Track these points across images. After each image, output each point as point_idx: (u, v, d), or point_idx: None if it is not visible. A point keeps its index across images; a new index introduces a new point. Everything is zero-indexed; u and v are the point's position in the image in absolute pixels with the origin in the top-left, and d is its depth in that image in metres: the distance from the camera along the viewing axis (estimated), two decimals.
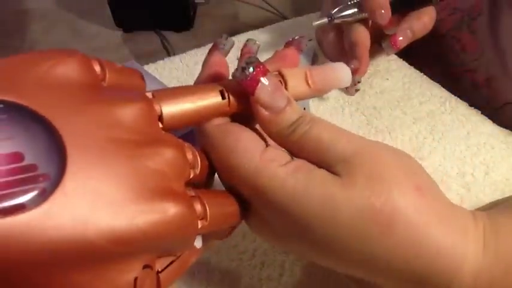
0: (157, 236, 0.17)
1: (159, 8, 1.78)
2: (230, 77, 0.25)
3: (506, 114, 0.50)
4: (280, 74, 0.25)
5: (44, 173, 0.15)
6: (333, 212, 0.21)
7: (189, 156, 0.21)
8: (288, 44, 0.30)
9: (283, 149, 0.24)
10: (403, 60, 0.56)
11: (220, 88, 0.24)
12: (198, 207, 0.20)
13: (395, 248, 0.21)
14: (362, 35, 0.47)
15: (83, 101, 0.17)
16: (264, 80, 0.23)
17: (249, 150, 0.23)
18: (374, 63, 0.55)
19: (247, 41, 0.31)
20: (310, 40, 0.31)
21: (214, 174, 0.25)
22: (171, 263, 0.21)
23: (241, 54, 0.31)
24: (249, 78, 0.23)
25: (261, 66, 0.23)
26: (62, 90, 0.17)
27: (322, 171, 0.22)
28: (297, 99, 0.25)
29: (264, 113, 0.23)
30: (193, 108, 0.22)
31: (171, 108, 0.21)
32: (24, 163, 0.15)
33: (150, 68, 0.55)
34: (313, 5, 0.69)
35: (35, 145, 0.15)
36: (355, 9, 0.46)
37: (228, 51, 0.28)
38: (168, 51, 1.78)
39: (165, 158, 0.19)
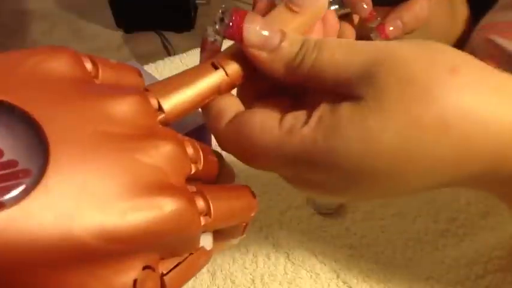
0: (153, 234, 0.16)
1: (160, 8, 1.78)
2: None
3: None
4: None
5: (24, 169, 0.14)
6: (376, 146, 0.19)
7: (190, 150, 0.20)
8: None
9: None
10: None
11: (211, 61, 0.23)
12: (200, 203, 0.19)
13: (460, 148, 0.19)
14: (345, 32, 0.46)
15: (70, 95, 0.17)
16: (247, 21, 0.22)
17: (267, 128, 0.21)
18: None
19: None
20: None
21: (224, 170, 0.24)
22: (177, 265, 0.19)
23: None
24: (231, 26, 0.21)
25: (238, 10, 0.22)
26: (47, 85, 0.17)
27: (346, 107, 0.20)
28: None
29: (263, 55, 0.22)
30: (192, 89, 0.22)
31: (169, 97, 0.21)
32: (3, 159, 0.14)
33: (150, 68, 0.55)
34: None
35: (16, 141, 0.15)
36: (337, 6, 0.45)
37: (221, 43, 0.25)
38: (169, 52, 1.77)
39: (161, 152, 0.18)
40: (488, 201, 0.39)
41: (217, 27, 0.22)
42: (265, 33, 0.22)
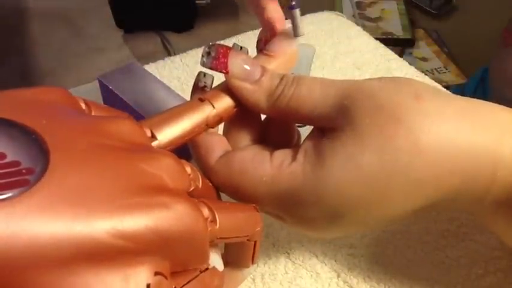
0: (161, 233, 0.16)
1: (160, 8, 1.78)
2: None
3: None
4: None
5: (27, 167, 0.15)
6: (357, 170, 0.21)
7: (188, 169, 0.20)
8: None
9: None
10: None
11: (198, 97, 0.25)
12: (205, 210, 0.19)
13: (433, 169, 0.20)
14: None
15: (67, 116, 0.18)
16: (231, 55, 0.24)
17: (259, 163, 0.23)
18: (374, 63, 0.55)
19: (232, 45, 0.30)
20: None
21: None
22: (189, 281, 0.19)
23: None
24: (217, 58, 0.24)
25: (223, 45, 0.24)
26: (46, 109, 0.17)
27: (326, 139, 0.22)
28: None
29: (246, 86, 0.23)
30: (182, 122, 0.23)
31: (161, 129, 0.22)
32: (6, 160, 0.15)
33: (150, 68, 0.55)
34: (314, 5, 0.69)
35: (18, 147, 0.15)
36: None
37: (211, 86, 0.27)
38: (169, 52, 1.77)
39: (160, 163, 0.18)
40: None
41: (204, 60, 0.24)
42: (248, 67, 0.24)
